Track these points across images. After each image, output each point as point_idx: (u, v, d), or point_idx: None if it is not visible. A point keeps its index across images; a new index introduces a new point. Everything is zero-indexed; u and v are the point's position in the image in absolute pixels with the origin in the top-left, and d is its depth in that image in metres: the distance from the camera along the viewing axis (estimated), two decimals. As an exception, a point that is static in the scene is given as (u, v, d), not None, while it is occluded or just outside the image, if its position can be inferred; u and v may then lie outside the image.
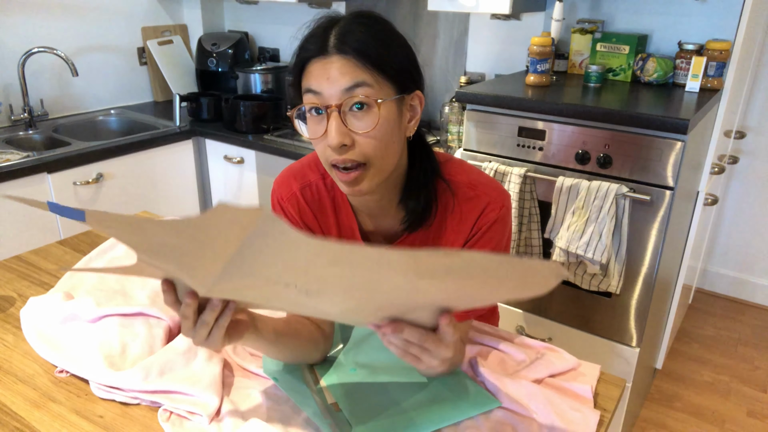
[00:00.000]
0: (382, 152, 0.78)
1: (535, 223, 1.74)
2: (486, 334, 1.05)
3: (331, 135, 0.75)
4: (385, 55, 0.76)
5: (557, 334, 1.84)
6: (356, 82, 0.74)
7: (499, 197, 0.87)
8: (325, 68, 0.75)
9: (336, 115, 0.75)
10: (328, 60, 0.75)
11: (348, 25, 0.77)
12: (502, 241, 0.90)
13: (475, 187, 0.87)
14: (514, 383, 0.90)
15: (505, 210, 0.88)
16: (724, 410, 2.13)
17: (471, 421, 0.85)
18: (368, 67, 0.75)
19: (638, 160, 1.54)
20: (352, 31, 0.76)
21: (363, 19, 0.78)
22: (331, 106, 0.75)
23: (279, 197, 0.93)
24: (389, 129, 0.78)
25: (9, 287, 1.19)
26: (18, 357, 0.97)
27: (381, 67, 0.76)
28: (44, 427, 0.83)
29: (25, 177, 1.92)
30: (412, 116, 0.82)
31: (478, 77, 2.32)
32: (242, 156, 2.38)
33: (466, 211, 0.87)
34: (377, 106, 0.76)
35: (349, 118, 0.76)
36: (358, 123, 0.76)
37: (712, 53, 1.78)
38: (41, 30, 2.40)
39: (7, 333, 1.04)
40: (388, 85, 0.77)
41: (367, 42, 0.76)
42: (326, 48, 0.75)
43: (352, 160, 0.77)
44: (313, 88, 0.76)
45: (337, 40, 0.75)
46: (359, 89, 0.74)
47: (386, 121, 0.77)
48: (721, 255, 2.83)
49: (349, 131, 0.76)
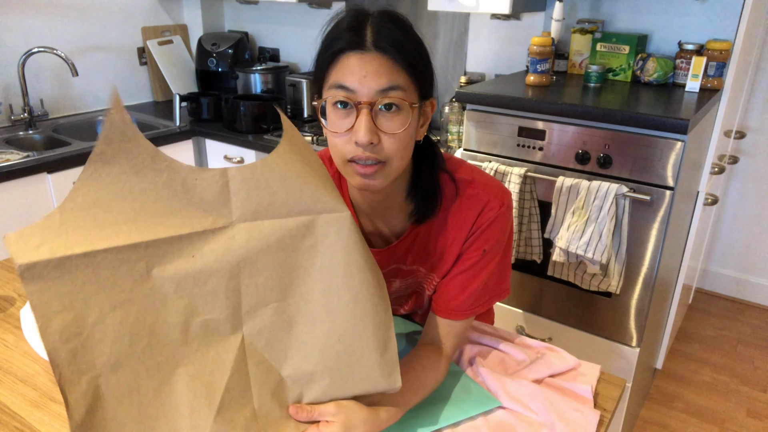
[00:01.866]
0: (401, 153, 0.78)
1: (535, 223, 1.74)
2: (486, 334, 1.05)
3: (361, 132, 0.74)
4: (417, 59, 0.77)
5: (557, 334, 1.84)
6: (392, 85, 0.74)
7: (498, 195, 0.88)
8: (363, 64, 0.74)
9: (367, 112, 0.74)
10: (364, 55, 0.74)
11: (382, 22, 0.76)
12: (503, 239, 0.90)
13: (475, 184, 0.88)
14: (514, 383, 0.90)
15: (505, 208, 0.88)
16: (724, 410, 2.13)
17: (471, 421, 0.85)
18: (404, 68, 0.75)
19: (638, 160, 1.54)
20: (389, 28, 0.75)
21: (394, 19, 0.77)
22: (362, 103, 0.74)
23: None
24: (412, 132, 0.79)
25: (9, 287, 1.19)
26: (18, 357, 0.97)
27: (414, 70, 0.76)
28: (44, 427, 0.83)
29: (25, 177, 1.92)
30: (424, 121, 0.83)
31: (478, 77, 2.32)
32: (242, 156, 2.38)
33: (466, 209, 0.87)
34: (409, 110, 0.76)
35: (379, 117, 0.76)
36: (388, 123, 0.76)
37: (712, 53, 1.78)
38: (41, 30, 2.40)
39: (7, 333, 1.04)
40: (415, 90, 0.78)
41: (403, 42, 0.75)
42: (363, 42, 0.74)
43: (374, 158, 0.77)
44: (345, 84, 0.74)
45: (374, 36, 0.74)
46: (394, 91, 0.74)
47: (412, 124, 0.78)
48: (721, 255, 2.83)
49: (377, 130, 0.76)
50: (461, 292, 0.90)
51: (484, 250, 0.88)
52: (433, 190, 0.87)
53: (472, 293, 0.89)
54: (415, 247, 0.92)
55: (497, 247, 0.89)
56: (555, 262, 1.68)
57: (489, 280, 0.91)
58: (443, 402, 0.88)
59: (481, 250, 0.88)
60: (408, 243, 0.92)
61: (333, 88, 0.76)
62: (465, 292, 0.89)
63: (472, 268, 0.89)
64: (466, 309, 0.90)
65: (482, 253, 0.88)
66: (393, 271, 0.96)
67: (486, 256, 0.88)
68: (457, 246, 0.89)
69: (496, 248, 0.89)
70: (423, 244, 0.92)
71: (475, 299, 0.90)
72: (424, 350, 0.90)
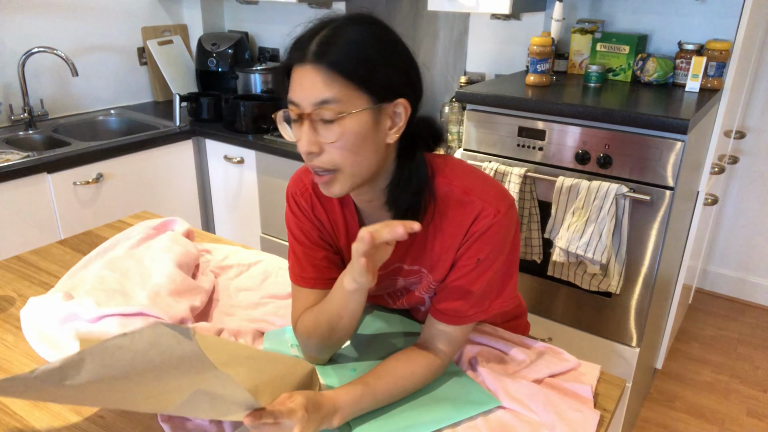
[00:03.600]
0: (352, 160, 0.79)
1: (535, 223, 1.74)
2: (486, 334, 1.05)
3: (301, 143, 0.78)
4: (362, 68, 0.76)
5: (557, 334, 1.84)
6: (324, 99, 0.75)
7: (494, 203, 0.86)
8: (301, 78, 0.77)
9: (308, 123, 0.77)
10: (304, 69, 0.76)
11: (335, 30, 0.77)
12: (500, 247, 0.88)
13: (470, 192, 0.86)
14: (515, 383, 0.90)
15: (501, 216, 0.85)
16: (724, 410, 2.13)
17: (471, 421, 0.85)
18: (340, 80, 0.75)
19: (638, 160, 1.54)
20: (337, 37, 0.76)
21: (355, 25, 0.78)
22: (303, 114, 0.77)
23: (293, 192, 0.96)
24: (359, 139, 0.78)
25: (9, 287, 1.19)
26: (18, 357, 0.97)
27: (355, 79, 0.76)
28: (44, 427, 0.83)
29: (25, 177, 1.92)
30: (393, 123, 0.81)
31: (478, 77, 2.32)
32: (242, 156, 2.38)
33: (460, 216, 0.86)
34: (345, 119, 0.76)
35: (319, 127, 0.78)
36: (326, 134, 0.78)
37: (712, 53, 1.78)
38: (41, 30, 2.40)
39: (7, 333, 1.04)
40: (363, 96, 0.77)
41: (348, 52, 0.75)
42: (305, 56, 0.76)
43: (320, 167, 0.80)
44: (291, 98, 0.78)
45: (316, 48, 0.76)
46: (327, 105, 0.76)
47: (355, 132, 0.77)
48: (721, 255, 2.83)
49: (317, 140, 0.78)
50: (457, 299, 0.89)
51: (478, 259, 0.87)
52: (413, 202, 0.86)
53: (467, 301, 0.89)
54: (413, 248, 0.92)
55: (493, 256, 0.87)
56: (555, 262, 1.68)
57: (487, 288, 0.90)
58: (443, 402, 0.88)
59: (475, 259, 0.87)
60: (406, 243, 0.92)
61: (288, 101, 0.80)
62: (460, 299, 0.89)
63: (467, 276, 0.88)
64: (462, 316, 0.90)
65: (476, 262, 0.87)
66: (396, 270, 0.97)
67: (480, 265, 0.87)
68: (451, 253, 0.89)
69: (492, 257, 0.87)
70: (421, 245, 0.92)
71: (470, 306, 0.89)
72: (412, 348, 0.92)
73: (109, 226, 1.49)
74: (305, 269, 0.95)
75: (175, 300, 1.07)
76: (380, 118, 0.79)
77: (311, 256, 0.95)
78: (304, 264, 0.95)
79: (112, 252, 1.27)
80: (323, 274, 0.95)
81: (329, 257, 0.96)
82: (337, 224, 0.95)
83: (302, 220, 0.95)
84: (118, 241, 1.30)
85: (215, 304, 1.15)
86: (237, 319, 1.09)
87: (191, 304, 1.07)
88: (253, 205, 2.45)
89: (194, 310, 1.08)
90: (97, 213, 2.17)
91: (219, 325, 1.05)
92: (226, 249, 1.35)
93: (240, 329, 1.04)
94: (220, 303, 1.15)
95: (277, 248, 2.45)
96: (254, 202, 2.44)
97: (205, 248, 1.34)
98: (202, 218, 2.63)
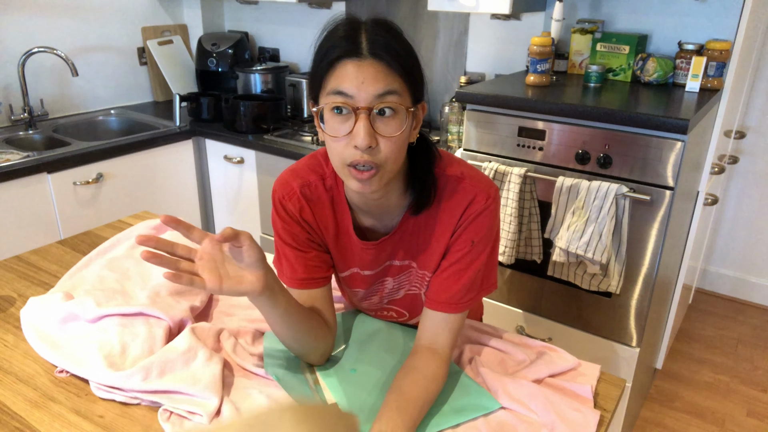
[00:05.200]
0: (396, 156, 0.81)
1: (535, 223, 1.74)
2: (486, 334, 1.05)
3: (360, 136, 0.77)
4: (409, 64, 0.80)
5: (557, 334, 1.84)
6: (389, 89, 0.77)
7: (485, 189, 0.90)
8: (360, 71, 0.76)
9: (365, 117, 0.77)
10: (361, 62, 0.77)
11: (375, 29, 0.79)
12: (491, 232, 0.92)
13: (463, 179, 0.90)
14: (514, 383, 0.90)
15: (491, 201, 0.90)
16: (724, 410, 2.13)
17: (471, 421, 0.85)
18: (399, 74, 0.78)
19: (638, 160, 1.54)
20: (382, 35, 0.78)
21: (387, 26, 0.80)
22: (360, 108, 0.77)
23: (280, 197, 0.95)
24: (406, 136, 0.82)
25: (9, 287, 1.19)
26: (18, 357, 0.97)
27: (408, 75, 0.79)
28: (44, 427, 0.83)
29: (25, 177, 1.92)
30: (416, 124, 0.86)
31: (478, 77, 2.32)
32: (242, 156, 2.38)
33: (454, 202, 0.90)
34: (405, 113, 0.79)
35: (376, 121, 0.78)
36: (385, 127, 0.78)
37: (712, 53, 1.78)
38: (41, 30, 2.40)
39: (7, 333, 1.04)
40: (409, 94, 0.81)
41: (397, 48, 0.78)
42: (359, 50, 0.77)
43: (372, 162, 0.79)
44: (343, 90, 0.77)
45: (370, 43, 0.77)
46: (390, 96, 0.77)
47: (405, 128, 0.80)
48: (721, 255, 2.83)
49: (375, 134, 0.78)
50: (454, 283, 0.91)
51: (473, 241, 0.90)
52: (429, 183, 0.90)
53: (464, 285, 0.91)
54: (404, 240, 0.94)
55: (485, 240, 0.91)
56: (555, 262, 1.68)
57: (480, 272, 0.92)
58: (443, 405, 0.88)
59: (470, 242, 0.90)
60: (398, 237, 0.93)
61: (331, 94, 0.78)
62: (457, 284, 0.91)
63: (462, 260, 0.91)
64: (459, 301, 0.91)
65: (471, 245, 0.90)
66: (385, 270, 0.97)
67: (475, 247, 0.90)
68: (444, 239, 0.91)
69: (485, 240, 0.91)
70: (413, 237, 0.93)
71: (466, 291, 0.91)
72: (423, 359, 0.89)
73: (109, 226, 1.49)
74: (296, 271, 0.95)
75: (175, 300, 1.07)
76: (413, 118, 0.83)
77: (302, 257, 0.95)
78: (295, 266, 0.95)
79: (112, 252, 1.27)
80: (313, 273, 0.95)
81: (320, 256, 0.96)
82: (326, 224, 0.96)
83: (290, 224, 0.94)
84: (118, 241, 1.30)
85: (215, 304, 1.15)
86: (237, 319, 1.09)
87: (191, 304, 1.07)
88: (253, 205, 2.45)
89: (194, 310, 1.08)
90: (97, 213, 2.17)
91: (219, 325, 1.05)
92: (226, 249, 1.35)
93: (240, 329, 1.04)
94: (220, 303, 1.15)
95: (277, 248, 2.44)
96: (254, 202, 2.44)
97: (205, 248, 1.34)
98: (202, 218, 2.63)
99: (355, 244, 0.95)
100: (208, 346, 0.96)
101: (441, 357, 0.90)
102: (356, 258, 0.97)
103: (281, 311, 0.85)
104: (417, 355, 0.90)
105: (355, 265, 0.98)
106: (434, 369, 0.88)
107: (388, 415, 0.79)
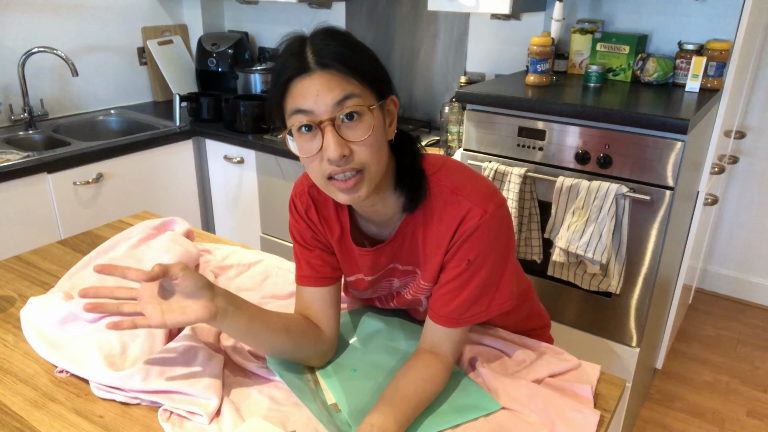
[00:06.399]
0: (376, 157, 0.80)
1: (535, 223, 1.74)
2: (486, 334, 1.05)
3: (330, 149, 0.76)
4: (362, 64, 0.78)
5: (557, 334, 1.84)
6: (345, 94, 0.76)
7: (481, 203, 0.85)
8: (311, 85, 0.76)
9: (331, 128, 0.76)
10: (311, 77, 0.76)
11: (320, 40, 0.78)
12: (490, 247, 0.87)
13: (457, 192, 0.86)
14: (514, 383, 0.90)
15: (489, 216, 0.85)
16: (724, 410, 2.13)
17: (471, 421, 0.85)
18: (352, 77, 0.77)
19: (638, 160, 1.54)
20: (327, 45, 0.77)
21: (331, 34, 0.80)
22: (323, 121, 0.76)
23: (293, 194, 0.97)
24: (380, 134, 0.80)
25: (9, 287, 1.19)
26: (18, 357, 0.97)
27: (362, 75, 0.78)
28: (44, 427, 0.83)
29: (25, 177, 1.92)
30: (391, 120, 0.84)
31: (478, 77, 2.32)
32: (242, 156, 2.38)
33: (448, 216, 0.87)
34: (370, 113, 0.78)
35: (343, 129, 0.77)
36: (353, 132, 0.77)
37: (712, 53, 1.78)
38: (41, 30, 2.40)
39: (7, 333, 1.04)
40: (370, 93, 0.79)
41: (344, 53, 0.77)
42: (307, 65, 0.76)
43: (351, 169, 0.78)
44: (302, 107, 0.77)
45: (315, 56, 0.76)
46: (349, 100, 0.76)
47: (376, 127, 0.79)
48: (721, 255, 2.83)
49: (346, 142, 0.77)
50: (451, 300, 0.89)
51: (468, 260, 0.86)
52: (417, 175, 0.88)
53: (463, 302, 0.88)
54: (404, 248, 0.92)
55: (483, 257, 0.86)
56: (555, 262, 1.68)
57: (484, 289, 0.89)
58: (443, 405, 0.88)
59: (465, 261, 0.86)
60: (397, 244, 0.92)
61: (293, 114, 0.78)
62: (455, 301, 0.88)
63: (458, 278, 0.87)
64: (459, 317, 0.89)
65: (467, 264, 0.86)
66: (390, 271, 0.97)
67: (472, 266, 0.86)
68: (439, 255, 0.88)
69: (483, 257, 0.86)
70: (413, 245, 0.92)
71: (468, 307, 0.89)
72: (424, 360, 0.89)
73: (109, 226, 1.49)
74: (302, 268, 0.97)
75: (175, 300, 1.07)
76: (383, 114, 0.82)
77: (307, 255, 0.96)
78: (302, 264, 0.97)
79: (112, 252, 1.27)
80: (317, 272, 0.96)
81: (323, 256, 0.97)
82: (331, 226, 0.95)
83: (299, 222, 0.96)
84: (118, 241, 1.30)
85: (215, 304, 1.15)
86: (237, 319, 1.09)
87: (191, 304, 1.07)
88: (253, 205, 2.45)
89: (194, 310, 1.08)
90: (97, 213, 2.17)
91: (219, 325, 1.05)
92: (226, 249, 1.35)
93: (240, 329, 1.04)
94: (220, 303, 1.15)
95: (277, 248, 2.45)
96: (254, 202, 2.44)
97: (205, 248, 1.34)
98: (202, 218, 2.63)
99: (353, 249, 0.95)
100: (208, 346, 0.96)
101: (442, 361, 0.89)
102: (357, 263, 0.97)
103: (243, 330, 0.85)
104: (418, 355, 0.90)
105: (358, 271, 0.98)
106: (434, 371, 0.87)
107: (381, 408, 0.80)
